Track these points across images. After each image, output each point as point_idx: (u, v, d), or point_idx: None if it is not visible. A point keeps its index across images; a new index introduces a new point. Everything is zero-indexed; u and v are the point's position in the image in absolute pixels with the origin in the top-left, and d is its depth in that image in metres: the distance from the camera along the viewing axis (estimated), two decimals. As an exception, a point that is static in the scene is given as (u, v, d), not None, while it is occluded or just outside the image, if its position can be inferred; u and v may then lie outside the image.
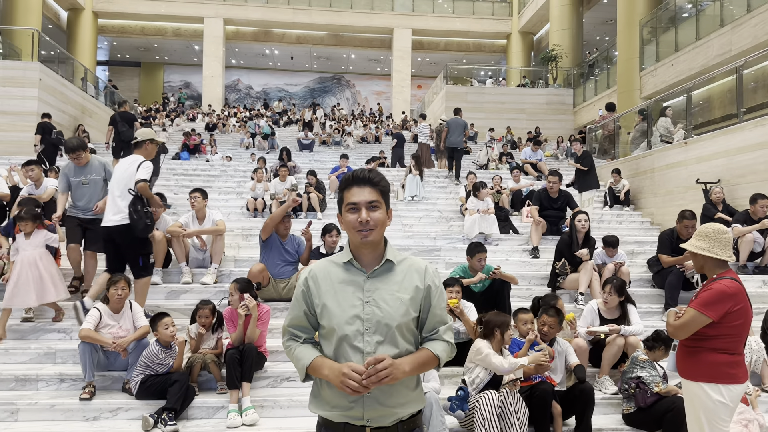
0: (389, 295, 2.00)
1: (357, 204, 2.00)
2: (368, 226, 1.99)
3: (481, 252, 5.86)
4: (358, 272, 2.04)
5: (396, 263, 2.06)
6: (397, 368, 1.89)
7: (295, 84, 40.49)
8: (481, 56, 35.89)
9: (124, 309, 5.06)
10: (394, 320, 1.97)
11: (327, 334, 2.03)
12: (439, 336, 2.07)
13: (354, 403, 1.97)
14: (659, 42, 18.64)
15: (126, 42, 35.25)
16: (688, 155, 10.38)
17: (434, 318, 2.07)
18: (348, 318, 1.97)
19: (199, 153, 17.62)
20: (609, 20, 27.85)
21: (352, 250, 2.07)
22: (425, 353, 2.02)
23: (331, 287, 2.03)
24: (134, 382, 4.73)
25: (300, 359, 2.03)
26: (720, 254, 3.16)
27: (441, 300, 2.09)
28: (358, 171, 2.08)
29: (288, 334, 2.13)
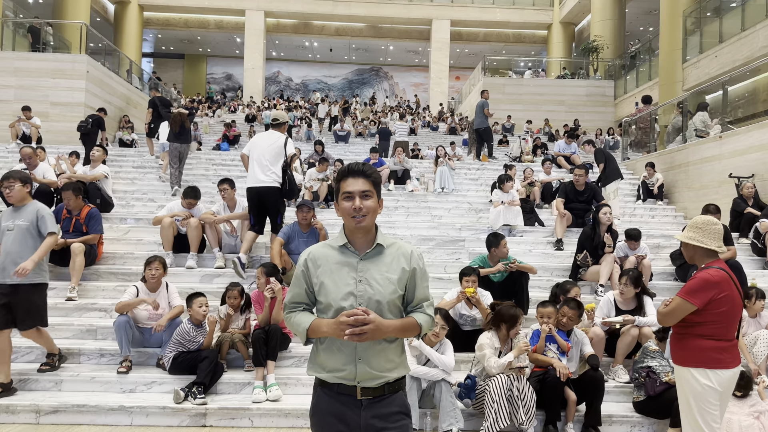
0: (379, 275, 2.26)
1: (351, 193, 2.25)
2: (361, 212, 2.24)
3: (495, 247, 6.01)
4: (352, 254, 2.29)
5: (386, 247, 2.32)
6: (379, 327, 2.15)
7: (333, 76, 40.87)
8: (521, 47, 35.50)
9: (160, 288, 5.42)
10: (383, 297, 2.23)
11: (324, 309, 2.28)
12: (423, 310, 2.33)
13: (346, 366, 2.22)
14: (703, 33, 18.20)
15: (170, 34, 36.18)
16: (722, 149, 10.23)
17: (418, 296, 2.33)
18: (343, 294, 2.23)
19: (238, 144, 18.08)
20: (652, 11, 27.21)
21: (347, 235, 2.32)
22: (409, 320, 2.29)
23: (328, 267, 2.28)
24: (167, 358, 5.08)
25: (300, 323, 2.28)
26: (709, 244, 3.28)
27: (424, 280, 2.36)
28: (352, 164, 2.33)
29: (288, 307, 2.38)
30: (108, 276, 6.81)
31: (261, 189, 6.66)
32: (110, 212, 8.77)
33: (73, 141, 14.67)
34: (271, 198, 6.71)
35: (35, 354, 5.35)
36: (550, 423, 4.62)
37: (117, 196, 9.72)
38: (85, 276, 6.61)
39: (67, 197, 6.57)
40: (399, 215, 9.85)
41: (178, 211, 7.15)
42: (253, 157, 6.76)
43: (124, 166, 12.70)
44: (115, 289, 6.46)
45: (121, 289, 6.28)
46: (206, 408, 4.66)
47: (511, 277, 6.05)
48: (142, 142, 15.66)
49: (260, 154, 6.71)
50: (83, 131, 12.97)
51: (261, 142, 6.83)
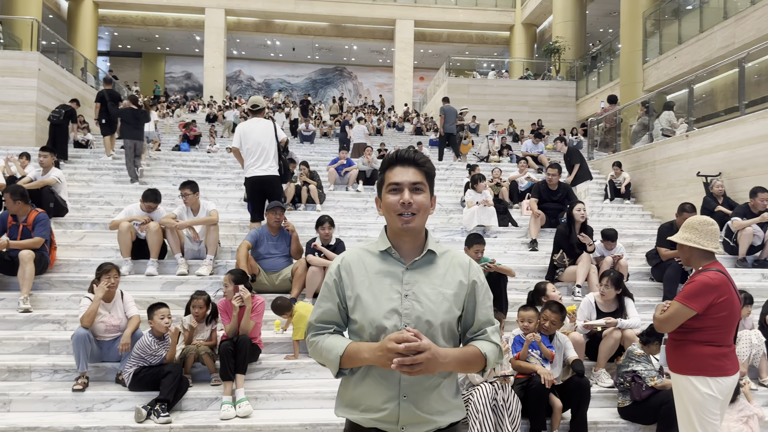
0: (431, 290, 1.83)
1: (400, 184, 1.84)
2: (411, 209, 1.83)
3: (478, 244, 5.82)
4: (397, 263, 1.87)
5: (438, 255, 1.91)
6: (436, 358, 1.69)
7: (297, 75, 40.36)
8: (484, 48, 35.72)
9: (115, 298, 5.04)
10: (436, 317, 1.80)
11: (359, 330, 1.84)
12: (487, 337, 1.88)
13: (387, 404, 1.77)
14: (662, 34, 18.51)
15: (127, 32, 35.14)
16: (689, 148, 10.30)
17: (481, 318, 1.89)
18: (385, 312, 1.80)
19: (198, 144, 17.56)
20: (612, 12, 27.68)
21: (390, 238, 1.90)
22: (472, 350, 1.82)
23: (366, 278, 1.86)
24: (127, 373, 4.71)
25: (331, 349, 1.81)
26: (706, 245, 3.14)
27: (487, 298, 1.93)
28: (402, 150, 1.93)
29: (314, 329, 1.91)
30: (62, 285, 6.36)
31: (264, 178, 6.85)
32: (64, 217, 8.28)
33: (23, 142, 13.98)
34: (273, 186, 6.98)
35: (-20, 372, 4.91)
36: (536, 431, 4.44)
37: (72, 200, 9.20)
38: (36, 285, 6.16)
39: (6, 202, 6.08)
40: (369, 216, 9.60)
41: (137, 215, 6.74)
42: (249, 148, 6.84)
43: (79, 168, 12.11)
44: (69, 299, 6.03)
45: (76, 299, 5.89)
46: (170, 426, 4.32)
47: (489, 279, 5.85)
48: (99, 143, 15.03)
49: (255, 144, 6.83)
50: (54, 122, 12.36)
51: (252, 131, 6.88)
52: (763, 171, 8.51)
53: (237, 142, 7.00)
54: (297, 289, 6.07)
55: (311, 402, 4.77)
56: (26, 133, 14.47)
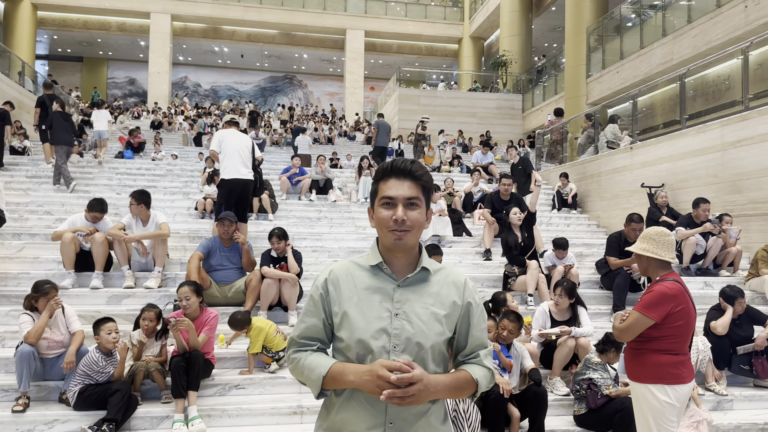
0: (422, 309, 1.73)
1: (394, 199, 1.73)
2: (404, 226, 1.71)
3: (436, 254, 5.84)
4: (388, 279, 1.76)
5: (432, 272, 1.80)
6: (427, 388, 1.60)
7: (245, 83, 39.83)
8: (434, 60, 36.21)
9: (56, 314, 4.77)
10: (427, 339, 1.70)
11: (345, 348, 1.73)
12: (480, 360, 1.79)
13: (372, 430, 1.67)
14: (605, 50, 19.19)
15: (67, 36, 33.91)
16: (633, 160, 10.67)
17: (474, 340, 1.79)
18: (373, 332, 1.69)
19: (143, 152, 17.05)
20: (557, 27, 28.51)
21: (382, 253, 1.78)
22: (463, 375, 1.73)
23: (355, 293, 1.75)
24: (72, 392, 4.47)
25: (314, 369, 1.70)
26: (663, 255, 3.22)
27: (482, 320, 1.82)
28: (398, 161, 1.79)
29: (296, 345, 1.79)
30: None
31: (243, 181, 7.22)
32: (2, 227, 7.82)
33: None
34: (248, 189, 7.41)
35: None
36: (495, 442, 4.45)
37: (9, 209, 8.72)
38: (-31, 300, 5.81)
39: None
40: (323, 226, 9.51)
41: (81, 225, 6.45)
42: (230, 153, 7.19)
43: (16, 176, 11.54)
44: (8, 314, 5.70)
45: (15, 314, 5.54)
46: (119, 448, 4.12)
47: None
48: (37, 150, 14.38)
49: (237, 150, 7.23)
50: None
51: (233, 139, 7.30)
52: (704, 182, 8.90)
53: (216, 146, 7.31)
54: (251, 301, 5.92)
55: (267, 418, 4.64)
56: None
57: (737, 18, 12.84)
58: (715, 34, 13.48)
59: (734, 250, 7.61)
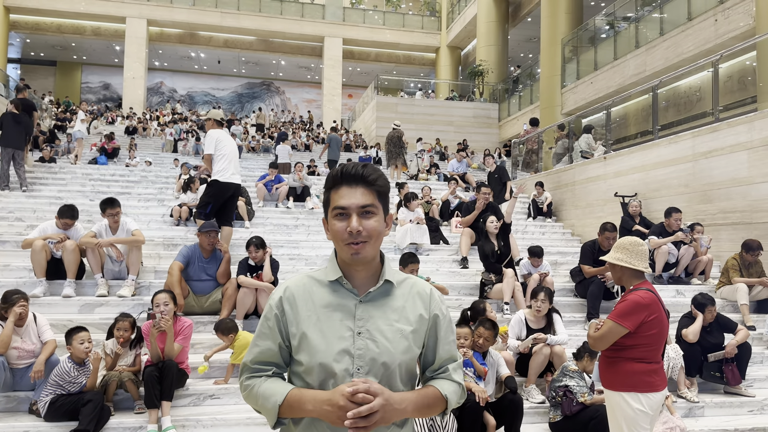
0: (387, 326, 1.61)
1: (346, 209, 1.59)
2: (360, 237, 1.57)
3: (413, 263, 5.86)
4: (349, 294, 1.63)
5: (396, 285, 1.67)
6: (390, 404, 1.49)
7: (222, 88, 39.58)
8: (411, 68, 36.42)
9: (27, 322, 4.68)
10: (393, 359, 1.58)
11: (305, 373, 1.60)
12: (449, 375, 1.69)
13: None
14: (580, 60, 19.50)
15: (41, 39, 33.36)
16: (606, 170, 10.84)
17: (443, 354, 1.69)
18: (335, 354, 1.56)
19: (117, 158, 16.82)
20: (533, 38, 28.91)
21: (341, 266, 1.65)
22: (432, 391, 1.63)
23: (314, 312, 1.61)
24: (43, 402, 4.38)
25: (269, 397, 1.56)
26: (637, 265, 3.28)
27: (450, 332, 1.72)
28: (349, 166, 1.65)
29: (249, 371, 1.65)
30: (-35, 308, 5.85)
31: (235, 185, 7.23)
32: (-32, 234, 7.68)
33: None
34: (237, 194, 7.45)
35: None
36: (471, 450, 4.46)
37: (-24, 216, 8.55)
38: (-65, 309, 5.64)
39: None
40: (300, 234, 9.46)
41: (52, 232, 6.33)
42: (225, 154, 7.11)
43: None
44: (-26, 323, 5.55)
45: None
46: (90, 460, 4.04)
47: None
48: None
49: (232, 153, 7.21)
50: None
51: (229, 142, 7.26)
52: (675, 192, 9.08)
53: (212, 148, 7.12)
54: (227, 310, 5.87)
55: (242, 429, 4.59)
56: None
57: (707, 31, 13.17)
58: (686, 47, 13.80)
59: (705, 259, 7.77)
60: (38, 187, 11.43)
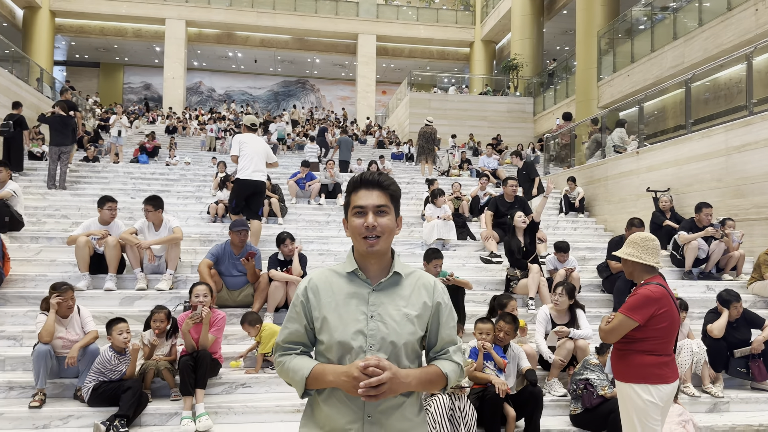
0: (395, 311, 1.88)
1: (364, 207, 1.87)
2: (375, 231, 1.86)
3: (437, 258, 5.97)
4: (363, 284, 1.91)
5: (404, 276, 1.95)
6: (397, 378, 1.76)
7: (258, 87, 40.24)
8: (445, 63, 36.34)
9: (72, 314, 4.99)
10: (400, 338, 1.85)
11: (326, 350, 1.88)
12: (449, 356, 1.95)
13: (352, 425, 1.82)
14: (616, 53, 19.19)
15: (85, 42, 34.50)
16: (639, 164, 10.73)
17: (444, 338, 1.95)
18: (351, 333, 1.84)
19: (157, 156, 17.36)
20: (569, 30, 28.51)
21: (357, 259, 1.94)
22: (434, 369, 1.89)
23: (333, 299, 1.90)
24: (86, 388, 4.68)
25: (297, 371, 1.86)
26: (647, 260, 3.34)
27: (450, 319, 1.97)
28: (366, 173, 1.94)
29: (281, 349, 1.96)
30: (18, 300, 6.24)
31: (255, 182, 7.66)
32: (20, 231, 8.10)
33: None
34: (260, 189, 7.84)
35: (-70, 391, 4.79)
36: (491, 440, 4.58)
37: (27, 213, 9.01)
38: (-11, 301, 6.05)
39: None
40: (331, 230, 9.68)
41: (95, 229, 6.68)
42: (248, 154, 7.62)
43: (35, 181, 11.86)
44: (26, 314, 5.92)
45: (33, 315, 5.77)
46: (129, 443, 4.32)
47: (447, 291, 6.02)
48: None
49: (254, 153, 7.66)
50: (7, 135, 12.02)
51: (252, 143, 7.73)
52: (708, 186, 8.95)
53: (236, 149, 7.70)
54: (259, 303, 6.12)
55: (271, 416, 4.81)
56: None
57: (748, 21, 12.84)
58: (726, 37, 13.48)
59: (737, 254, 7.67)
60: (82, 186, 11.94)
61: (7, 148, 12.10)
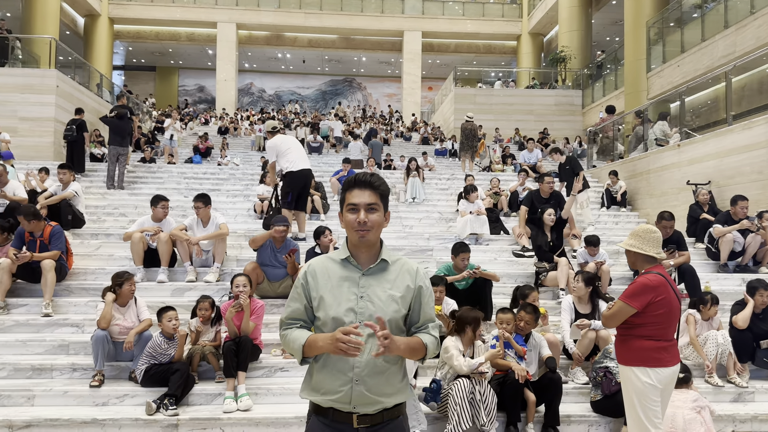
0: (382, 292, 2.18)
1: (357, 205, 2.17)
2: (365, 226, 2.16)
3: (464, 252, 6.22)
4: (354, 269, 2.21)
5: (390, 263, 2.24)
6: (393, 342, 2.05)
7: (307, 87, 41.07)
8: (492, 58, 36.13)
9: (129, 303, 5.51)
10: (385, 315, 2.13)
11: (322, 325, 2.18)
12: (428, 331, 2.25)
13: (342, 387, 2.11)
14: (665, 43, 18.76)
15: (141, 47, 36.02)
16: (681, 157, 10.63)
17: (424, 316, 2.25)
18: (343, 311, 2.14)
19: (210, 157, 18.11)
20: (618, 21, 27.92)
21: (350, 248, 2.24)
22: (416, 340, 2.19)
23: (329, 282, 2.20)
24: (139, 370, 5.17)
25: (295, 340, 2.18)
26: (648, 251, 3.53)
27: (430, 299, 2.27)
28: (360, 174, 2.25)
29: (284, 325, 2.28)
30: (79, 291, 6.85)
31: (306, 171, 8.12)
32: (82, 228, 8.79)
33: (42, 156, 14.60)
34: (309, 179, 8.32)
35: (7, 371, 5.38)
36: (511, 424, 4.81)
37: (88, 212, 9.72)
38: (56, 292, 6.63)
39: (21, 223, 6.59)
40: (370, 226, 10.00)
41: (149, 226, 7.23)
42: (290, 148, 8.09)
43: (95, 181, 12.67)
44: (86, 304, 6.51)
45: (93, 304, 6.34)
46: (178, 419, 4.76)
47: (476, 284, 6.26)
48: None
49: (293, 147, 8.17)
50: (71, 139, 12.93)
51: (285, 141, 8.23)
52: (749, 179, 8.83)
53: (273, 155, 8.22)
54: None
55: (307, 397, 5.17)
56: (45, 147, 15.12)
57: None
58: (779, 25, 13.09)
59: (775, 247, 7.60)
60: (139, 186, 12.69)
61: (71, 151, 12.97)
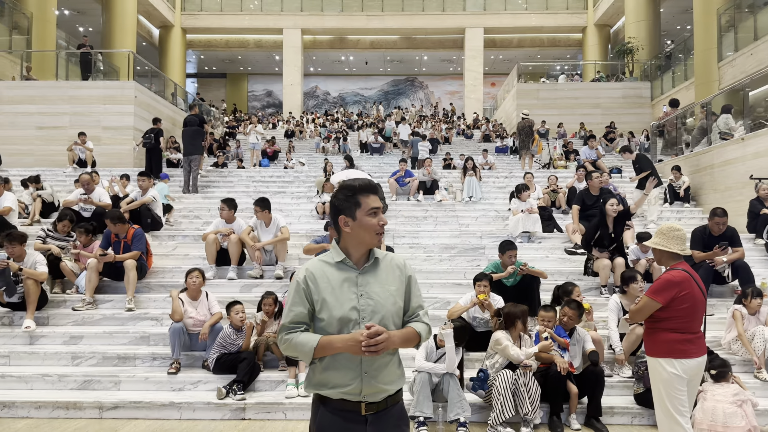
0: (379, 288, 2.30)
1: (378, 209, 2.32)
2: (384, 228, 2.36)
3: (511, 249, 6.45)
4: (351, 269, 2.31)
5: (380, 260, 2.37)
6: (390, 339, 2.19)
7: (370, 88, 41.72)
8: (556, 51, 35.52)
9: (201, 297, 6.10)
10: (385, 309, 2.27)
11: (327, 326, 2.26)
12: (420, 318, 2.37)
13: (353, 381, 2.23)
14: (737, 30, 18.03)
15: (212, 55, 37.67)
16: (745, 151, 10.36)
17: (414, 304, 2.38)
18: (347, 310, 2.24)
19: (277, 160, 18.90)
20: (688, 9, 26.86)
21: (342, 250, 2.35)
22: (410, 330, 2.32)
23: (329, 284, 2.28)
24: (211, 359, 5.74)
25: (305, 343, 2.22)
26: (672, 248, 3.71)
27: (417, 288, 2.41)
28: (372, 182, 2.39)
29: (286, 329, 2.30)
30: (158, 288, 7.55)
31: None
32: (160, 230, 9.55)
33: (123, 163, 15.73)
34: None
35: (97, 359, 6.07)
36: (554, 414, 5.04)
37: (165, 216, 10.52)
38: (138, 289, 7.36)
39: (108, 225, 7.34)
40: (428, 225, 10.34)
41: (222, 228, 7.86)
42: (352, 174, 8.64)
43: (171, 186, 13.52)
44: (165, 300, 7.18)
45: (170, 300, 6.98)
46: (245, 403, 5.28)
47: (524, 281, 6.48)
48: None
49: None
50: (150, 146, 13.98)
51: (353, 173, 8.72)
52: (816, 172, 8.57)
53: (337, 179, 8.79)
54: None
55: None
56: (126, 155, 16.30)
57: None
58: None
59: (841, 242, 7.38)
60: (211, 189, 13.51)
61: (149, 158, 13.97)
